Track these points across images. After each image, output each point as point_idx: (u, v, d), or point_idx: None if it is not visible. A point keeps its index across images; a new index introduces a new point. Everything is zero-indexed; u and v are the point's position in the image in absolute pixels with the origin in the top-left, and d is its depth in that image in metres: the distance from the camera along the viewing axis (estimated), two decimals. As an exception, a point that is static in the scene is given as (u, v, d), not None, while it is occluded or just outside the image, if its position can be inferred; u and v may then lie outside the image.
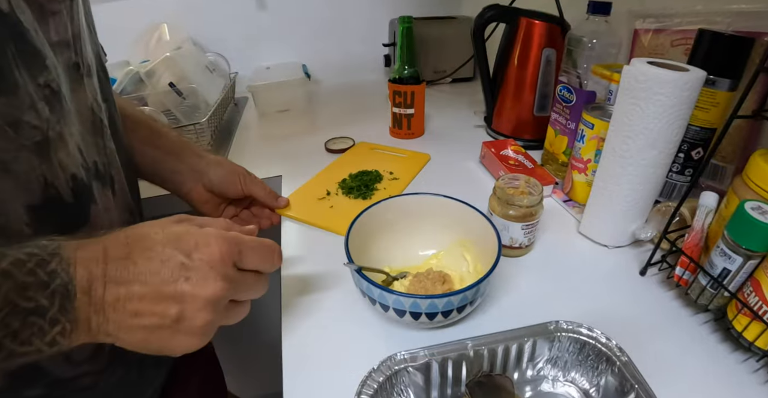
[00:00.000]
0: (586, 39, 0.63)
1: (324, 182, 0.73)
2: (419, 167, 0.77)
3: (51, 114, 0.34)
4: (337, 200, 0.68)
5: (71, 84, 0.37)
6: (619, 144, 0.50)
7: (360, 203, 0.66)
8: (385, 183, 0.71)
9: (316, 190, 0.70)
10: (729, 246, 0.41)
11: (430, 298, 0.37)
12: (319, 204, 0.67)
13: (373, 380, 0.35)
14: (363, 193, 0.68)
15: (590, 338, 0.38)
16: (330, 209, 0.65)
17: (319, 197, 0.68)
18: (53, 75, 0.34)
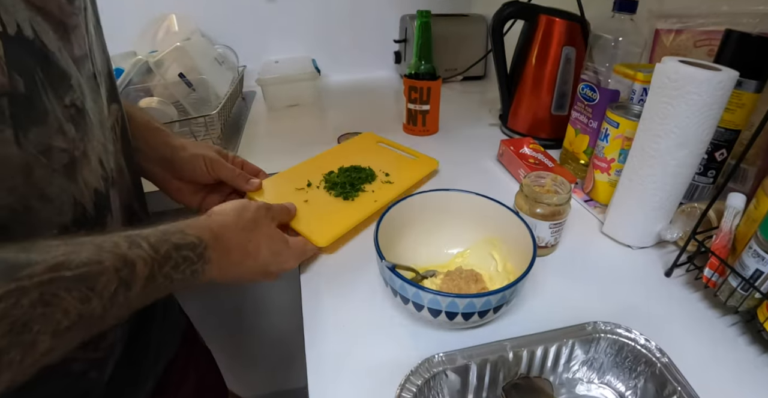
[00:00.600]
0: (610, 37, 0.62)
1: (312, 169, 0.66)
2: (422, 174, 0.68)
3: (76, 133, 0.34)
4: (315, 194, 0.61)
5: (92, 95, 0.37)
6: (649, 143, 0.50)
7: (338, 204, 0.59)
8: (375, 185, 0.63)
9: (299, 177, 0.64)
10: (762, 247, 0.41)
11: (469, 297, 0.36)
12: (294, 195, 0.60)
13: (412, 383, 0.34)
14: (346, 192, 0.61)
15: (629, 339, 0.38)
16: (303, 204, 0.58)
17: (298, 187, 0.62)
18: (78, 93, 0.34)
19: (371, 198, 0.61)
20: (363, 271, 0.51)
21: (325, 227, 0.54)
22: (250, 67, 1.11)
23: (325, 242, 0.52)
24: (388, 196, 0.61)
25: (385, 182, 0.64)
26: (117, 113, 0.44)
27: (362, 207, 0.59)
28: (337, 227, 0.55)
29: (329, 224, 0.54)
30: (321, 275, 0.52)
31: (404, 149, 0.74)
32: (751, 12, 0.58)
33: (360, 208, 0.58)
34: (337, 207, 0.57)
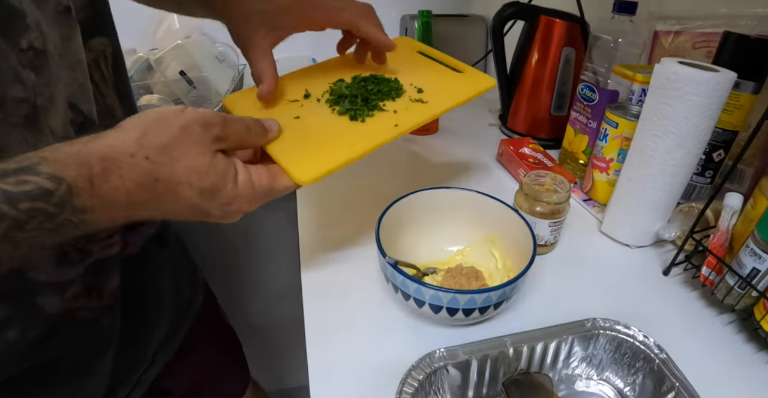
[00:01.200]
0: (610, 38, 0.63)
1: (316, 76, 0.50)
2: (467, 94, 0.48)
3: (38, 79, 0.31)
4: (311, 109, 0.44)
5: (63, 33, 0.33)
6: (647, 143, 0.50)
7: (341, 124, 0.42)
8: (400, 104, 0.46)
9: (296, 85, 0.48)
10: (759, 246, 0.42)
11: (470, 293, 0.37)
12: (283, 109, 0.44)
13: (413, 378, 0.34)
14: (355, 110, 0.44)
15: (627, 336, 0.38)
16: (291, 122, 0.42)
17: (291, 98, 0.46)
18: (36, 33, 0.31)
19: (390, 120, 0.43)
20: (364, 268, 0.52)
21: (312, 156, 0.38)
22: (251, 66, 1.11)
23: (308, 178, 0.37)
24: (414, 119, 0.44)
25: (416, 100, 0.46)
26: (104, 48, 0.40)
27: (374, 132, 0.42)
28: (331, 157, 0.38)
29: (320, 153, 0.39)
30: (322, 271, 0.52)
31: (450, 60, 0.54)
32: (750, 14, 0.58)
33: (371, 133, 0.42)
34: (337, 129, 0.42)
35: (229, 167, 0.33)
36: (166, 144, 0.29)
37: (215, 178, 0.31)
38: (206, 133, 0.31)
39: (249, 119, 0.36)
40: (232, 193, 0.33)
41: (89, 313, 0.40)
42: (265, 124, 0.38)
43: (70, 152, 0.26)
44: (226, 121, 0.33)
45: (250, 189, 0.34)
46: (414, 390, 0.33)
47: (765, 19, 0.57)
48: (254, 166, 0.36)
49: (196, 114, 0.31)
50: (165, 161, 0.29)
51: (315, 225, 0.60)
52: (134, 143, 0.28)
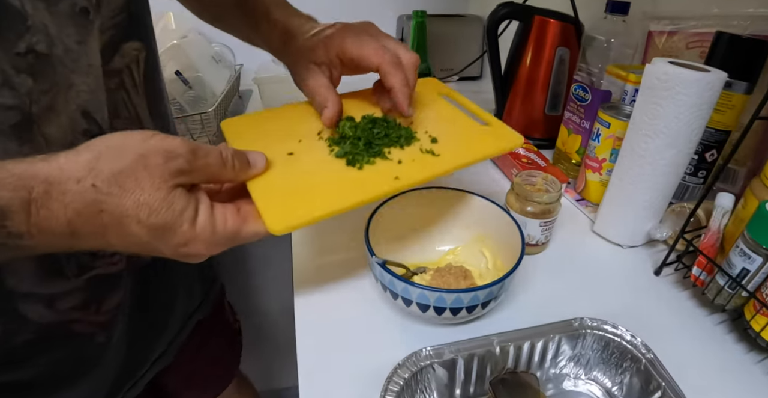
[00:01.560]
0: (603, 38, 0.63)
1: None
2: (490, 150, 0.43)
3: (36, 84, 0.29)
4: (309, 145, 0.40)
5: (78, 36, 0.32)
6: (638, 143, 0.50)
7: (336, 168, 0.38)
8: (409, 153, 0.41)
9: (301, 118, 0.44)
10: (749, 246, 0.42)
11: (456, 292, 0.37)
12: (278, 144, 0.40)
13: (399, 376, 0.34)
14: (354, 154, 0.39)
15: (615, 335, 0.38)
16: (284, 158, 0.38)
17: (290, 133, 0.42)
18: (40, 35, 0.29)
19: (391, 172, 0.38)
20: (355, 267, 0.52)
21: (293, 203, 0.34)
22: (248, 66, 1.11)
23: (282, 228, 0.33)
24: (418, 174, 0.38)
25: (427, 151, 0.41)
26: (137, 52, 0.38)
27: (370, 183, 0.37)
28: (313, 208, 0.34)
29: (302, 201, 0.35)
30: (313, 270, 0.52)
31: (476, 109, 0.48)
32: (742, 14, 0.58)
33: (365, 183, 0.37)
34: (330, 174, 0.37)
35: (188, 205, 0.29)
36: (119, 172, 0.26)
37: (168, 216, 0.28)
38: (166, 165, 0.27)
39: (230, 150, 0.32)
40: (187, 235, 0.29)
41: (86, 327, 0.40)
42: (250, 157, 0.34)
43: (13, 171, 0.24)
44: (195, 152, 0.29)
45: (210, 233, 0.30)
46: (399, 389, 0.33)
47: (757, 20, 0.57)
48: (222, 206, 0.32)
49: (160, 142, 0.28)
50: (114, 192, 0.26)
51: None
52: (84, 167, 0.25)
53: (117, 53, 0.37)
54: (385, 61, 0.40)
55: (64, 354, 0.39)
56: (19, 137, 0.30)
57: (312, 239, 0.57)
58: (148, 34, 0.42)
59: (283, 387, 1.31)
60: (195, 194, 0.30)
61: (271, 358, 1.23)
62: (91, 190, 0.25)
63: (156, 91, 0.43)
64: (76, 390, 0.42)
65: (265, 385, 1.27)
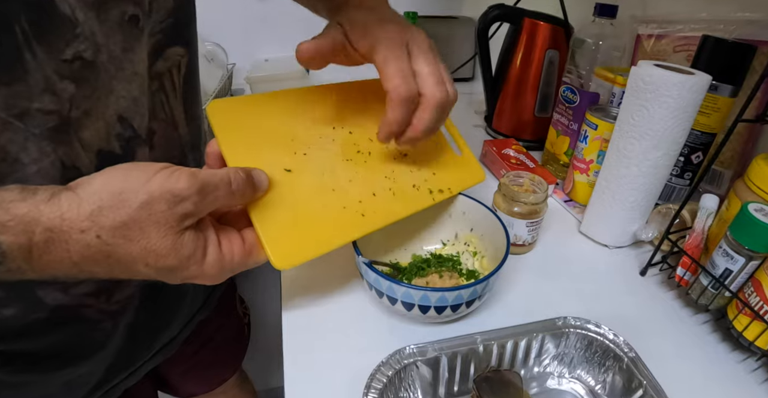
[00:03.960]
0: (591, 41, 0.64)
1: (326, 106, 0.43)
2: (460, 187, 0.48)
3: (78, 90, 0.30)
4: (306, 161, 0.38)
5: (125, 43, 0.32)
6: (624, 145, 0.51)
7: (333, 194, 0.38)
8: (400, 185, 0.44)
9: (292, 114, 0.40)
10: (731, 247, 0.42)
11: (440, 291, 0.37)
12: (274, 152, 0.37)
13: (383, 374, 0.34)
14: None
15: (598, 334, 0.39)
16: (282, 175, 0.36)
17: (289, 137, 0.38)
18: (88, 43, 0.29)
19: (388, 202, 0.42)
20: (342, 266, 0.52)
21: (296, 240, 0.35)
22: (241, 66, 1.11)
23: (289, 265, 0.34)
24: (412, 207, 0.43)
25: (414, 186, 0.45)
26: (180, 58, 0.38)
27: (367, 216, 0.40)
28: (314, 246, 0.35)
29: (304, 237, 0.35)
30: (300, 269, 0.52)
31: (455, 133, 0.52)
32: (729, 19, 0.59)
33: (364, 216, 0.39)
34: (329, 204, 0.37)
35: (196, 249, 0.28)
36: (123, 224, 0.26)
37: (176, 261, 0.28)
38: (172, 211, 0.26)
39: (235, 175, 0.30)
40: (195, 273, 0.29)
41: (95, 313, 0.40)
42: (255, 178, 0.32)
43: (16, 213, 0.24)
44: (203, 191, 0.28)
45: (218, 270, 0.30)
46: (383, 386, 0.33)
47: (743, 24, 0.57)
48: (228, 239, 0.31)
49: (163, 186, 0.26)
50: (119, 243, 0.26)
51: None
52: (87, 219, 0.25)
53: (161, 57, 0.37)
54: (396, 91, 0.36)
55: (70, 335, 0.40)
56: (55, 139, 0.30)
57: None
58: (192, 39, 0.42)
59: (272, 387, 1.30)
60: (203, 233, 0.30)
61: (270, 356, 1.23)
62: (96, 241, 0.25)
63: (193, 95, 0.43)
64: (77, 370, 0.43)
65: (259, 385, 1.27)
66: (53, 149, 0.30)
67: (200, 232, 0.29)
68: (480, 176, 0.50)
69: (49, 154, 0.30)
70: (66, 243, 0.25)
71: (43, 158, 0.30)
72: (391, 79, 0.36)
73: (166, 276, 0.29)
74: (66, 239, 0.25)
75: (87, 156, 0.32)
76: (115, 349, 0.45)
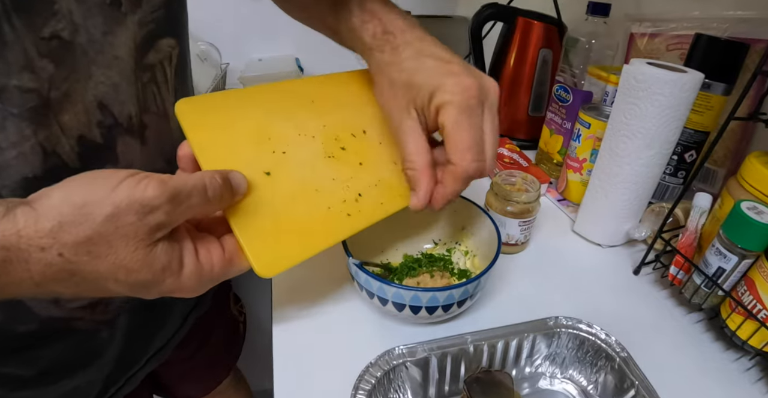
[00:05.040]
0: (584, 40, 0.63)
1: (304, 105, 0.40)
2: None
3: (57, 70, 0.29)
4: (285, 160, 0.35)
5: (105, 26, 0.31)
6: (617, 143, 0.51)
7: (315, 193, 0.36)
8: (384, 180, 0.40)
9: (270, 111, 0.37)
10: (724, 245, 0.42)
11: (431, 291, 0.36)
12: (252, 152, 0.34)
13: (371, 375, 0.34)
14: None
15: (590, 334, 0.38)
16: (261, 178, 0.33)
17: (267, 136, 0.35)
18: (65, 22, 0.29)
19: (377, 202, 0.39)
20: (333, 266, 0.51)
21: (280, 245, 0.33)
22: (234, 65, 1.11)
23: (273, 273, 0.32)
24: (399, 204, 0.41)
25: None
26: (171, 49, 0.38)
27: (353, 216, 0.37)
28: (297, 251, 0.33)
29: (289, 242, 0.33)
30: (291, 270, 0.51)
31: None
32: (722, 17, 0.59)
33: (348, 218, 0.37)
34: (311, 205, 0.35)
35: (170, 261, 0.26)
36: (87, 240, 0.23)
37: (149, 275, 0.25)
38: (142, 222, 0.24)
39: (211, 180, 0.28)
40: (172, 286, 0.27)
41: (89, 325, 0.40)
42: (233, 181, 0.30)
43: None
44: (175, 200, 0.25)
45: (196, 281, 0.28)
46: (371, 387, 0.33)
47: (736, 22, 0.57)
48: (206, 248, 0.29)
49: (131, 196, 0.24)
50: (84, 260, 0.23)
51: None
52: (47, 235, 0.23)
53: (152, 48, 0.36)
54: (467, 169, 0.34)
55: (66, 346, 0.40)
56: (35, 121, 0.29)
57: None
58: (183, 31, 0.42)
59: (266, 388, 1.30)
60: (178, 243, 0.27)
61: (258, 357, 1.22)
62: (59, 259, 0.23)
63: (184, 88, 0.42)
64: (74, 382, 0.42)
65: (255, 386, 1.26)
66: (33, 131, 0.29)
67: (175, 242, 0.27)
68: None
69: (29, 137, 0.29)
70: (26, 262, 0.23)
71: (23, 142, 0.29)
72: (463, 153, 0.33)
73: (139, 292, 0.27)
74: (26, 258, 0.23)
75: (68, 142, 0.31)
76: (113, 357, 0.44)
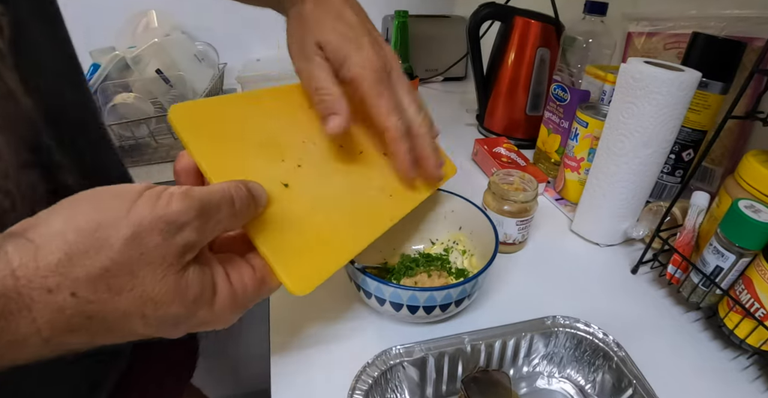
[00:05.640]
0: (582, 39, 0.63)
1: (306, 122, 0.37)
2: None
3: None
4: (300, 171, 0.34)
5: None
6: (614, 142, 0.51)
7: (333, 202, 0.35)
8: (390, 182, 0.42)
9: (275, 118, 0.35)
10: (722, 244, 0.42)
11: (429, 291, 0.36)
12: (262, 161, 0.32)
13: (368, 375, 0.34)
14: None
15: (587, 333, 0.38)
16: (279, 190, 0.31)
17: (280, 145, 0.34)
18: None
19: (385, 207, 0.40)
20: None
21: (308, 262, 0.31)
22: (231, 65, 1.11)
23: (304, 291, 0.30)
24: (408, 206, 0.42)
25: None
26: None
27: (372, 222, 0.38)
28: (328, 265, 0.32)
29: (317, 257, 0.32)
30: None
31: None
32: (719, 16, 0.59)
33: (369, 224, 0.38)
34: (332, 215, 0.34)
35: (204, 287, 0.23)
36: (104, 271, 0.19)
37: (182, 308, 0.21)
38: (169, 243, 0.20)
39: (237, 190, 0.25)
40: (206, 318, 0.23)
41: None
42: (254, 193, 0.27)
43: None
44: (205, 215, 0.22)
45: (231, 307, 0.24)
46: (368, 387, 0.33)
47: (733, 21, 0.57)
48: (237, 271, 0.26)
49: (154, 213, 0.20)
50: (104, 298, 0.19)
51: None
52: (54, 273, 0.18)
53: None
54: (396, 129, 0.35)
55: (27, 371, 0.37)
56: None
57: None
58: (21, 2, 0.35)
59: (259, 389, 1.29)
60: (209, 267, 0.24)
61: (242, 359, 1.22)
62: (72, 300, 0.19)
63: (31, 65, 0.34)
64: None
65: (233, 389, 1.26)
66: None
67: (204, 266, 0.23)
68: (454, 169, 0.49)
69: None
70: (28, 311, 0.18)
71: None
72: (389, 116, 0.35)
73: (167, 330, 0.23)
74: (28, 306, 0.18)
75: None
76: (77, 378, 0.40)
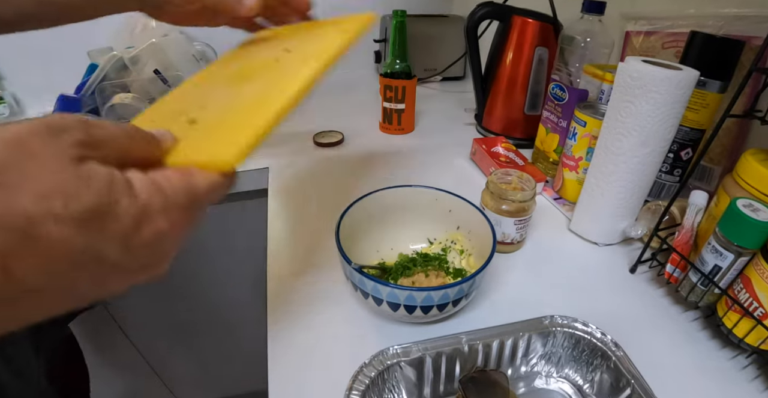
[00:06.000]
0: (580, 38, 0.63)
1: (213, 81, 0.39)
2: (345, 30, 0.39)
3: None
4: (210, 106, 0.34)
5: None
6: (612, 142, 0.50)
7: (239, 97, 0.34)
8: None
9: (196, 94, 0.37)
10: (721, 243, 0.42)
11: (426, 290, 0.36)
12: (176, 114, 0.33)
13: (365, 375, 0.34)
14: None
15: (585, 333, 0.38)
16: (187, 126, 0.31)
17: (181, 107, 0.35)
18: None
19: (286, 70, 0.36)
20: (328, 266, 0.51)
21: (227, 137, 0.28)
22: (230, 66, 1.10)
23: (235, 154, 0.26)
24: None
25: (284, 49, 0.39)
26: None
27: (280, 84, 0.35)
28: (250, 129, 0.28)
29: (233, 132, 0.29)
30: (286, 271, 0.51)
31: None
32: (717, 15, 0.59)
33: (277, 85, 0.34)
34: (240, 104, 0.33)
35: (112, 175, 0.20)
36: None
37: (94, 195, 0.19)
38: (57, 140, 0.19)
39: (127, 124, 0.24)
40: (133, 209, 0.20)
41: None
42: (155, 132, 0.25)
43: None
44: (87, 122, 0.20)
45: (161, 197, 0.21)
46: (365, 387, 0.33)
47: (731, 20, 0.57)
48: (152, 170, 0.23)
49: (38, 121, 0.19)
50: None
51: (283, 221, 0.60)
52: None
53: None
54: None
55: None
56: None
57: (287, 239, 0.57)
58: None
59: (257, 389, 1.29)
60: (110, 167, 0.21)
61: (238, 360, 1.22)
62: None
63: None
64: None
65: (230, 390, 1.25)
66: None
67: (109, 165, 0.21)
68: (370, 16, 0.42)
69: None
70: None
71: None
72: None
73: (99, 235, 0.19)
74: None
75: None
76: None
